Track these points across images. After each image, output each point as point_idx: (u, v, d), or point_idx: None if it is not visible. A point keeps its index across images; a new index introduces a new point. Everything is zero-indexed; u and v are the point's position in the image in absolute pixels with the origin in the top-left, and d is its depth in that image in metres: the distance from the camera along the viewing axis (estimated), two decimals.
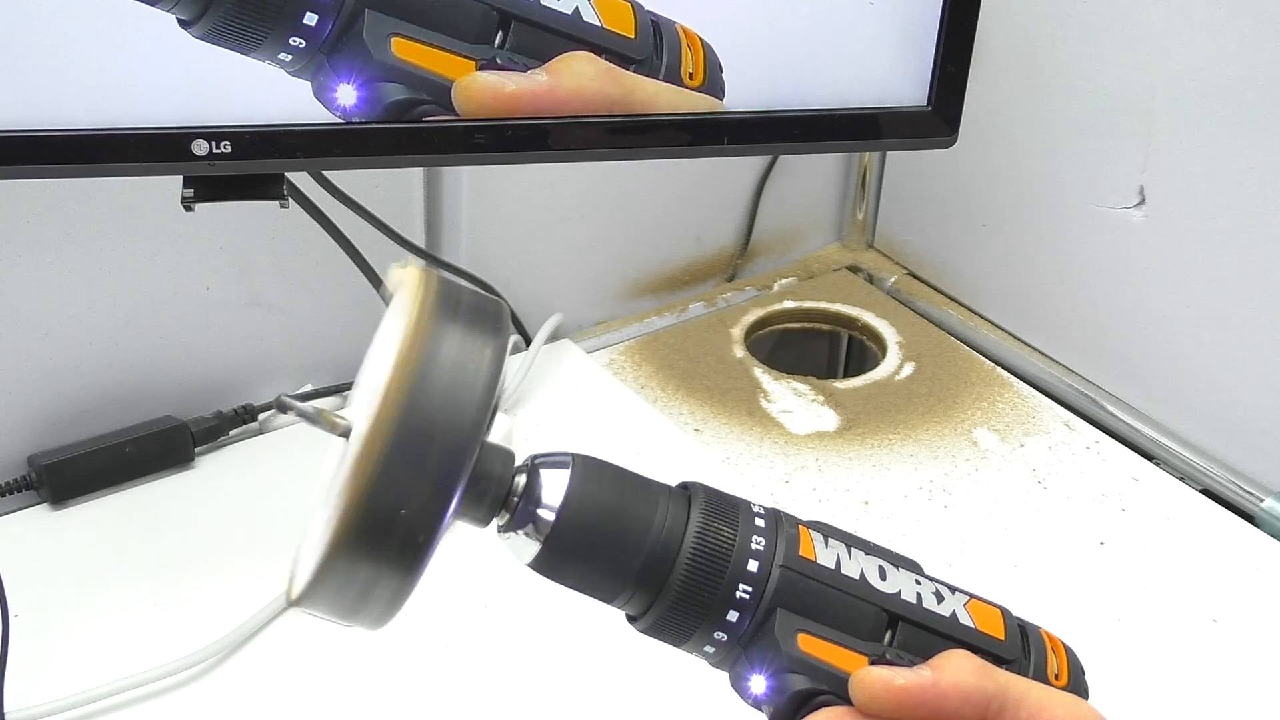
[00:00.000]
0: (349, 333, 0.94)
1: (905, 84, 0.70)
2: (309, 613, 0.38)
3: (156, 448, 0.83)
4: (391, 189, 0.89)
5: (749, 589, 0.40)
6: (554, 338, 0.99)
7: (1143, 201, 0.93)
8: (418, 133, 0.64)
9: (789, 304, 1.08)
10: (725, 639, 0.41)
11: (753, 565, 0.40)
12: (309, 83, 0.61)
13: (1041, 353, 1.03)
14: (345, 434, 0.38)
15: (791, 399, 0.96)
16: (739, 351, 1.01)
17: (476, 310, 0.38)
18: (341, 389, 0.93)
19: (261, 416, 0.89)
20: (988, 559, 0.81)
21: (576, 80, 0.64)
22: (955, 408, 0.95)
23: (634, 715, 0.69)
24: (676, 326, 1.05)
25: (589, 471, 0.41)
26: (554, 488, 0.40)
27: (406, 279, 0.39)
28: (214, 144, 0.62)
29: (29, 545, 0.78)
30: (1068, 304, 1.01)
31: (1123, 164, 0.93)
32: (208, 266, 0.86)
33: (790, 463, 0.89)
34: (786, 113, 0.69)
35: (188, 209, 0.65)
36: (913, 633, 0.41)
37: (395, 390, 0.36)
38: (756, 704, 0.41)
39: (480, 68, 0.62)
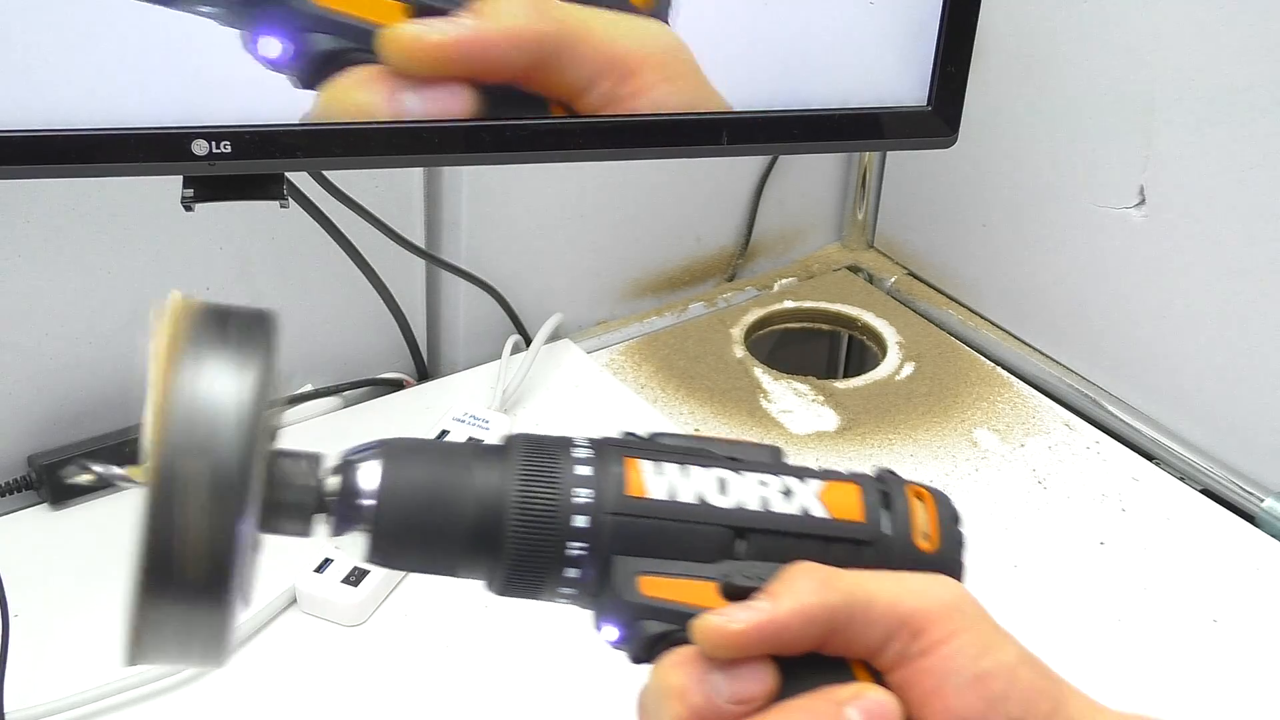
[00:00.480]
0: (349, 333, 0.94)
1: (905, 84, 0.70)
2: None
3: None
4: (391, 189, 0.89)
5: (582, 545, 0.39)
6: (554, 338, 0.99)
7: (1143, 201, 0.93)
8: (418, 133, 0.64)
9: (789, 304, 1.08)
10: (574, 592, 0.40)
11: (580, 520, 0.39)
12: (237, 32, 0.60)
13: (1041, 353, 1.03)
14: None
15: (791, 399, 0.96)
16: (739, 351, 1.01)
17: (235, 328, 0.38)
18: (341, 389, 0.93)
19: None
20: (988, 559, 0.81)
21: (503, 20, 0.62)
22: (955, 408, 0.95)
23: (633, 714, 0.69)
24: (676, 326, 1.05)
25: (401, 453, 0.40)
26: (369, 477, 0.40)
27: (165, 309, 0.38)
28: (214, 144, 0.62)
29: (29, 545, 0.77)
30: (1068, 304, 1.01)
31: (1123, 164, 0.93)
32: (208, 266, 0.86)
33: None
34: (786, 113, 0.69)
35: (188, 209, 0.65)
36: (762, 540, 0.40)
37: (156, 431, 0.36)
38: (616, 648, 0.41)
39: (406, 9, 0.61)
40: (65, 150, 0.60)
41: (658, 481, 0.40)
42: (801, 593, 0.38)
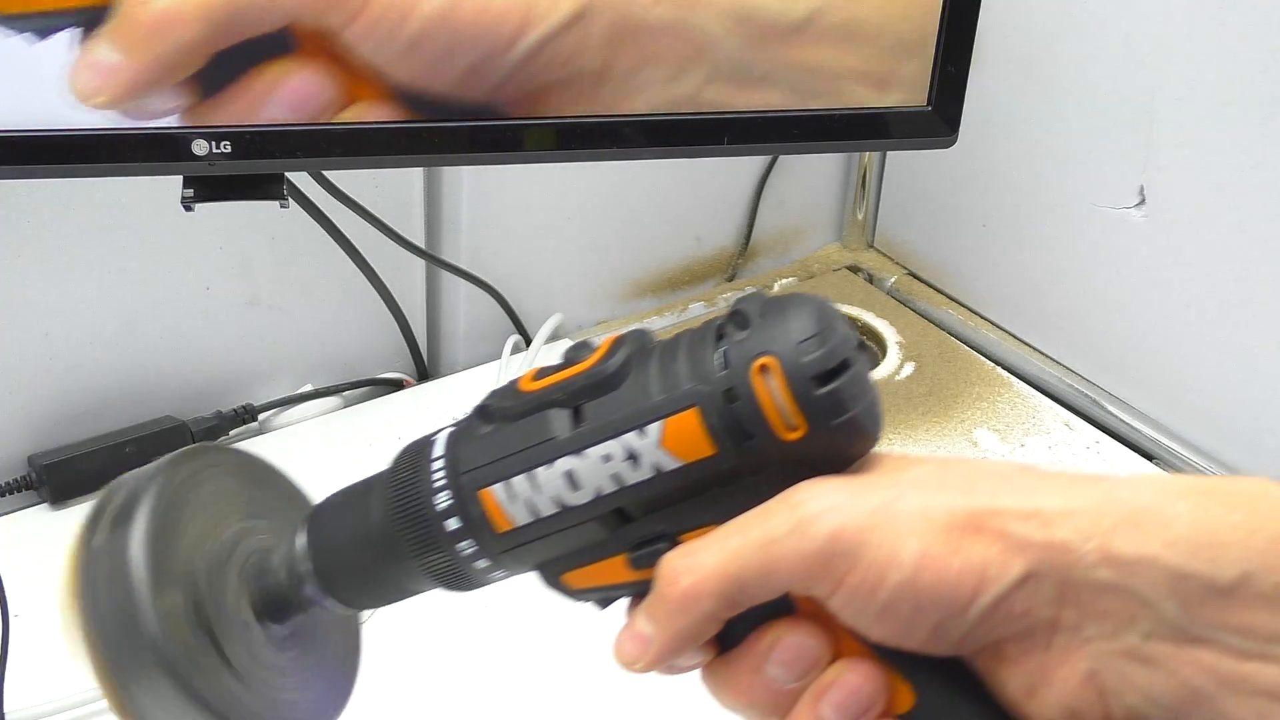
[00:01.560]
0: (349, 333, 0.94)
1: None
2: None
3: (156, 448, 0.83)
4: (391, 189, 0.89)
5: (498, 574, 0.40)
6: (554, 338, 0.99)
7: (1143, 201, 0.93)
8: (418, 133, 0.64)
9: None
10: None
11: (482, 563, 0.39)
12: None
13: (1041, 353, 1.03)
14: None
15: None
16: None
17: (106, 514, 0.40)
18: (341, 389, 0.93)
19: (261, 416, 0.89)
20: None
21: None
22: (955, 408, 0.95)
23: (633, 715, 0.69)
24: (676, 326, 1.05)
25: (318, 510, 0.42)
26: (303, 541, 0.42)
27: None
28: (214, 144, 0.62)
29: (29, 545, 0.78)
30: (1068, 304, 1.01)
31: (1123, 164, 0.93)
32: (208, 266, 0.86)
33: None
34: (786, 113, 0.69)
35: (188, 209, 0.65)
36: (639, 502, 0.38)
37: (82, 628, 0.39)
38: None
39: None
40: (65, 150, 0.60)
41: (516, 509, 0.39)
42: (672, 617, 0.37)
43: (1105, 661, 0.34)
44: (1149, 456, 0.92)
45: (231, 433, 0.87)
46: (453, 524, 0.39)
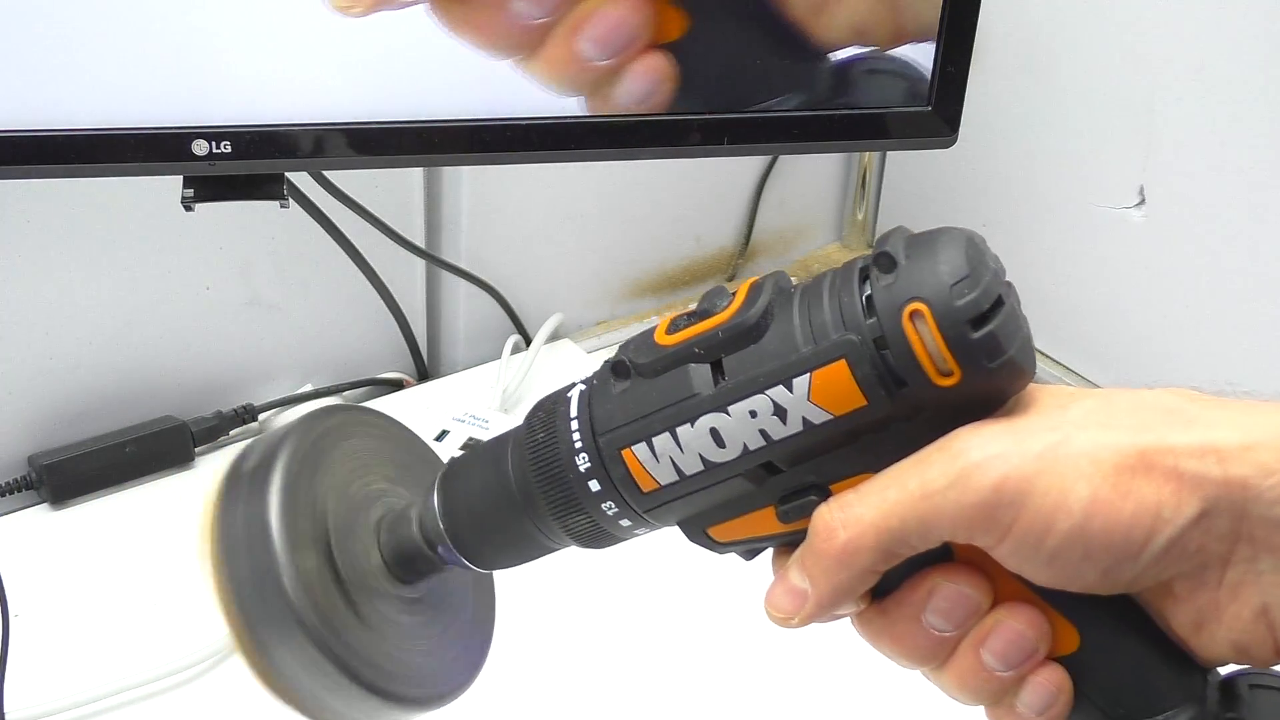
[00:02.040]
0: (349, 333, 0.94)
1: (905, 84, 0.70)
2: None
3: (156, 448, 0.83)
4: (391, 189, 0.89)
5: (639, 531, 0.40)
6: (554, 338, 0.99)
7: (1143, 201, 0.93)
8: (417, 133, 0.64)
9: None
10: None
11: (625, 521, 0.39)
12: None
13: (1041, 353, 1.03)
14: None
15: None
16: None
17: (244, 473, 0.40)
18: (341, 389, 0.93)
19: (262, 417, 0.89)
20: None
21: None
22: None
23: (638, 715, 0.69)
24: None
25: (449, 471, 0.42)
26: (436, 502, 0.42)
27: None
28: (214, 144, 0.62)
29: (29, 545, 0.77)
30: (1068, 304, 1.01)
31: (1123, 164, 0.93)
32: (208, 266, 0.86)
33: None
34: (786, 113, 0.69)
35: (188, 209, 0.65)
36: (788, 455, 0.37)
37: (220, 588, 0.39)
38: None
39: None
40: (65, 150, 0.60)
41: (660, 468, 0.38)
42: (829, 573, 0.36)
43: (1279, 595, 0.34)
44: None
45: (231, 433, 0.87)
46: (595, 485, 0.38)
